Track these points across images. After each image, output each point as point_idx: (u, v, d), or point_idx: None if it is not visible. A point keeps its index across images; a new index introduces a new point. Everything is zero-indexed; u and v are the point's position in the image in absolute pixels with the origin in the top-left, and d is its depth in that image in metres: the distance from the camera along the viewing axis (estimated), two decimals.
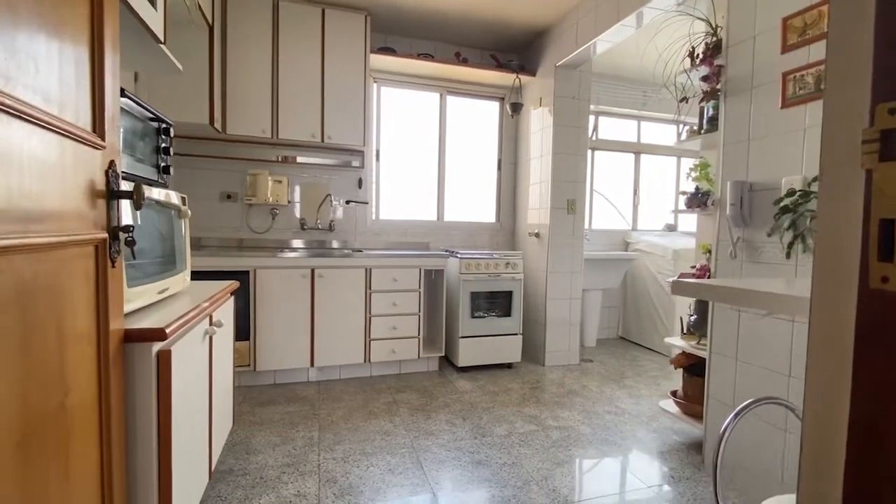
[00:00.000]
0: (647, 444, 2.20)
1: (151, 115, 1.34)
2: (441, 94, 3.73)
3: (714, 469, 0.82)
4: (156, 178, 1.37)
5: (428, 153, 3.76)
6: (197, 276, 2.60)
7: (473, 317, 3.18)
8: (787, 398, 1.67)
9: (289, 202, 3.29)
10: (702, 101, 2.13)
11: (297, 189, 3.34)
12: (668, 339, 2.34)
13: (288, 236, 3.33)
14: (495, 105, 3.91)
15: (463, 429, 2.30)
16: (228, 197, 3.19)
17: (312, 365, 2.87)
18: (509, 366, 3.32)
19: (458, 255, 3.16)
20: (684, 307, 3.66)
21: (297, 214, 3.35)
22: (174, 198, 1.37)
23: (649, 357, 3.72)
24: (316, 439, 2.16)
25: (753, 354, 1.80)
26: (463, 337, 3.15)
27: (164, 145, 1.40)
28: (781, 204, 1.62)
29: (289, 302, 2.79)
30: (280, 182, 3.21)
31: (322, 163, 3.34)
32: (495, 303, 3.26)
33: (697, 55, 2.09)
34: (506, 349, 3.26)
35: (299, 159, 3.28)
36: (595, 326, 3.97)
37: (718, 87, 2.00)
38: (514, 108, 3.44)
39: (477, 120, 3.89)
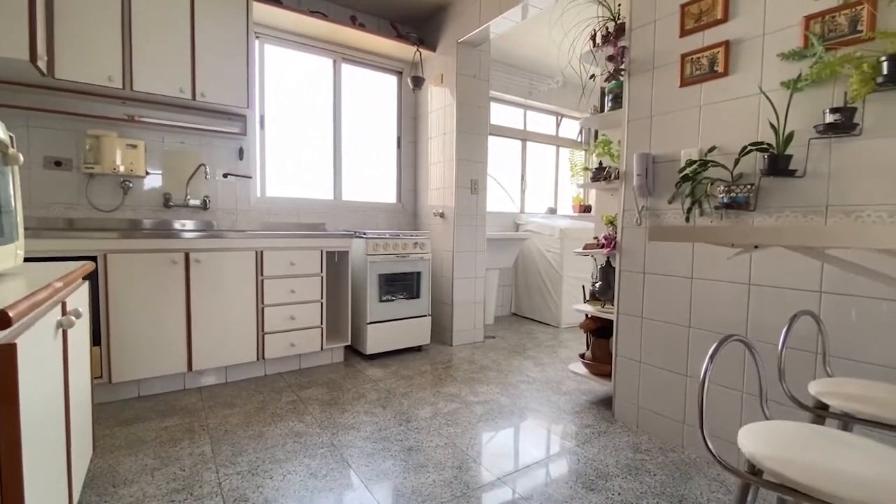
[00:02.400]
0: (562, 406, 2.30)
1: None
2: (335, 61, 3.40)
3: (700, 413, 0.82)
4: None
5: (322, 126, 3.42)
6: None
7: (382, 300, 2.99)
8: (686, 348, 1.87)
9: (147, 173, 2.67)
10: (606, 80, 2.27)
11: (160, 157, 2.73)
12: (575, 306, 2.47)
13: (145, 215, 2.71)
14: (394, 79, 3.72)
15: (385, 417, 2.13)
16: (58, 164, 2.46)
17: (191, 369, 2.38)
18: (419, 349, 3.22)
19: (365, 236, 2.93)
20: (574, 282, 3.98)
21: (160, 188, 2.74)
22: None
23: (542, 329, 3.96)
24: (209, 454, 1.77)
25: (657, 312, 1.98)
26: (371, 323, 2.94)
27: None
28: (683, 173, 1.79)
29: (155, 294, 2.26)
30: (135, 147, 2.58)
31: (192, 126, 2.77)
32: (404, 285, 3.12)
33: (605, 36, 2.21)
34: (415, 332, 3.14)
35: (162, 120, 2.67)
36: (493, 305, 4.09)
37: (622, 67, 2.14)
38: (415, 83, 3.31)
39: (375, 93, 3.66)
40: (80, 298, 1.25)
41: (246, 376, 2.63)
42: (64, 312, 1.06)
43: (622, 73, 2.14)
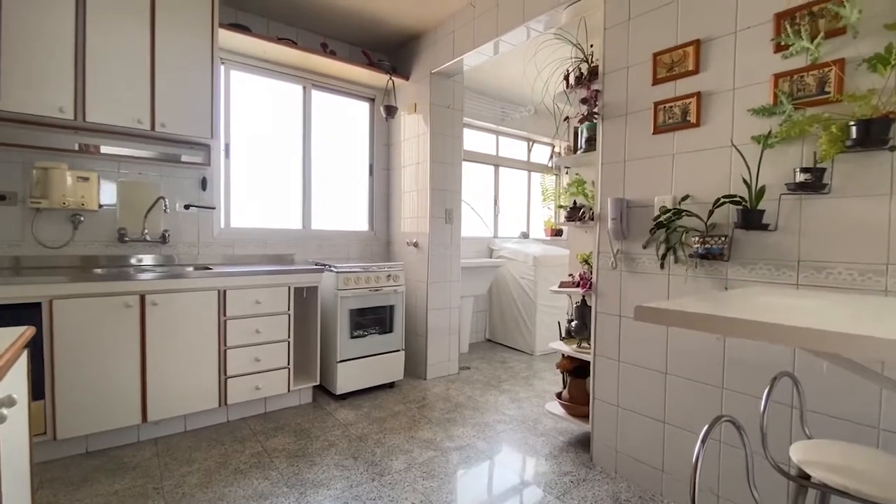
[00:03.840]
0: (540, 450, 2.25)
1: None
2: (305, 87, 3.32)
3: (692, 498, 0.79)
4: None
5: (290, 153, 3.31)
6: None
7: (353, 336, 2.88)
8: (664, 394, 1.87)
9: (101, 206, 2.50)
10: (579, 122, 2.28)
11: (114, 189, 2.56)
12: (551, 344, 2.45)
13: (98, 251, 2.52)
14: (366, 106, 3.66)
15: (356, 471, 2.02)
16: (2, 198, 2.26)
17: (145, 420, 2.21)
18: (392, 385, 3.12)
19: (335, 269, 2.83)
20: (547, 310, 3.98)
21: (115, 222, 2.56)
22: None
23: (516, 357, 3.93)
24: None
25: (634, 356, 1.98)
26: (341, 361, 2.83)
27: None
28: (657, 220, 1.80)
29: (107, 341, 2.09)
30: (87, 180, 2.41)
31: (150, 156, 2.62)
32: (376, 319, 3.02)
33: (578, 77, 2.23)
34: (388, 368, 3.05)
35: (116, 150, 2.51)
36: (468, 332, 4.03)
37: (596, 110, 2.15)
38: (388, 112, 3.25)
39: (346, 120, 3.58)
40: (16, 377, 1.11)
41: (207, 423, 2.46)
42: None
43: (596, 115, 2.16)
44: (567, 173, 5.06)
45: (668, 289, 1.85)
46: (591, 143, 2.27)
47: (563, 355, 2.38)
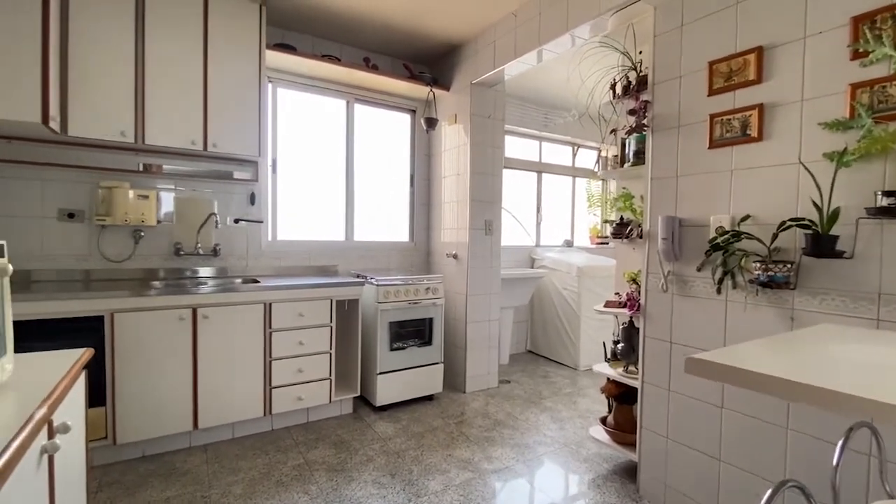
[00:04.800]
0: (583, 477, 2.16)
1: None
2: (348, 102, 3.38)
3: None
4: None
5: (334, 165, 3.38)
6: (25, 327, 1.92)
7: (392, 349, 2.90)
8: (719, 429, 1.73)
9: (159, 222, 2.65)
10: (627, 133, 2.17)
11: (171, 206, 2.71)
12: (595, 367, 2.34)
13: (157, 264, 2.68)
14: (407, 117, 3.68)
15: (393, 489, 2.02)
16: (71, 216, 2.45)
17: (196, 427, 2.31)
18: (430, 398, 3.11)
19: (375, 282, 2.85)
20: (593, 323, 3.84)
21: (171, 237, 2.71)
22: None
23: (559, 371, 3.81)
24: None
25: (686, 386, 1.85)
26: (381, 373, 2.85)
27: None
28: (714, 242, 1.67)
29: (162, 352, 2.21)
30: (146, 198, 2.56)
31: (204, 174, 2.75)
32: (415, 332, 3.02)
33: (626, 87, 2.12)
34: (427, 381, 3.04)
35: (174, 169, 2.66)
36: (508, 344, 3.96)
37: (645, 122, 2.03)
38: (429, 124, 3.25)
39: (388, 132, 3.62)
40: (73, 403, 1.18)
41: (252, 432, 2.55)
42: (51, 434, 0.99)
43: (645, 127, 2.04)
44: (615, 181, 4.87)
45: (726, 316, 1.71)
46: (639, 156, 2.15)
47: (608, 379, 2.27)
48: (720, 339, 1.72)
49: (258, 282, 2.63)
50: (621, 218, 2.23)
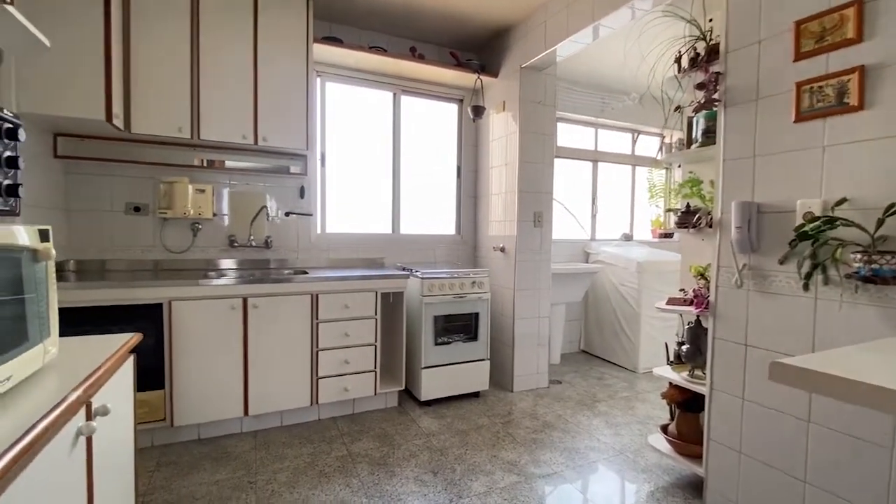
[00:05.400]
0: (641, 489, 1.98)
1: None
2: (395, 94, 3.35)
3: None
4: None
5: (380, 158, 3.36)
6: (94, 312, 2.05)
7: (437, 343, 2.84)
8: (805, 446, 1.49)
9: (214, 215, 2.75)
10: (695, 111, 1.94)
11: (225, 199, 2.81)
12: (657, 370, 2.14)
13: (213, 255, 2.79)
14: (454, 107, 3.59)
15: (434, 488, 1.95)
16: (137, 210, 2.60)
17: (247, 413, 2.38)
18: (476, 395, 3.01)
19: (420, 275, 2.80)
20: (654, 322, 3.57)
21: (226, 229, 2.82)
22: (21, 235, 0.90)
23: (615, 373, 3.58)
24: None
25: (764, 395, 1.62)
26: (426, 367, 2.80)
27: (6, 154, 0.92)
28: (801, 230, 1.44)
29: (215, 339, 2.29)
30: (203, 191, 2.67)
31: (256, 168, 2.83)
32: (461, 326, 2.94)
33: (693, 59, 1.89)
34: (473, 377, 2.95)
35: (227, 164, 2.75)
36: (559, 342, 3.78)
37: (716, 96, 1.81)
38: (475, 112, 3.14)
39: (434, 123, 3.55)
40: (117, 385, 1.21)
41: (300, 420, 2.59)
42: (89, 416, 1.00)
43: (716, 103, 1.82)
44: (679, 167, 4.52)
45: (815, 317, 1.47)
46: (709, 135, 1.92)
47: (670, 384, 2.07)
48: (807, 343, 1.49)
49: (307, 273, 2.67)
50: (687, 205, 2.01)
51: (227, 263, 2.80)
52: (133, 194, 2.59)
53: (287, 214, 2.97)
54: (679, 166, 4.87)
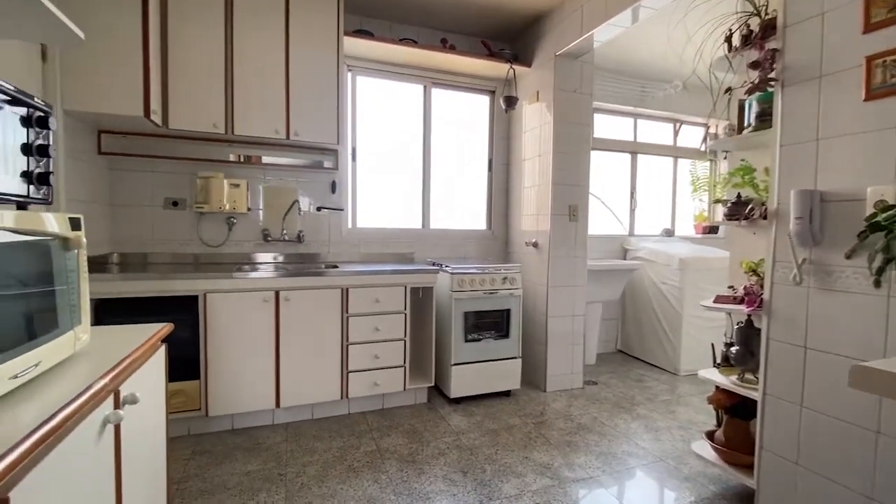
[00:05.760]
0: (681, 497, 1.85)
1: (7, 96, 0.86)
2: (425, 86, 3.30)
3: None
4: (23, 194, 0.91)
5: (410, 152, 3.33)
6: (135, 304, 2.12)
7: (467, 340, 2.78)
8: (873, 461, 1.34)
9: (249, 210, 2.80)
10: (747, 92, 1.79)
11: (259, 194, 2.85)
12: (702, 373, 2.00)
13: (248, 249, 2.84)
14: (485, 99, 3.51)
15: (464, 488, 1.90)
16: (175, 204, 2.68)
17: (278, 406, 2.40)
18: (507, 394, 2.94)
19: (449, 270, 2.75)
20: (697, 322, 3.38)
21: (260, 224, 2.86)
22: (50, 222, 0.90)
23: (655, 375, 3.41)
24: None
25: (825, 402, 1.47)
26: (455, 364, 2.74)
27: (37, 142, 0.93)
28: (873, 220, 1.29)
29: (249, 331, 2.32)
30: (237, 186, 2.71)
31: (288, 163, 2.86)
32: (492, 323, 2.87)
33: (746, 36, 1.74)
34: (504, 376, 2.87)
35: (262, 159, 2.79)
36: (595, 342, 3.64)
37: (772, 75, 1.65)
38: (508, 103, 3.05)
39: (465, 115, 3.49)
40: (147, 374, 1.22)
41: (330, 414, 2.59)
42: (118, 404, 1.00)
43: (771, 83, 1.66)
44: (726, 158, 4.26)
45: (888, 318, 1.31)
46: (763, 118, 1.77)
47: (717, 387, 1.92)
48: (877, 347, 1.33)
49: (337, 267, 2.67)
50: (738, 196, 1.86)
51: (261, 257, 2.84)
52: (171, 189, 2.67)
53: (319, 209, 2.98)
54: (725, 157, 4.60)
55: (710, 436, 1.98)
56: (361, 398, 2.64)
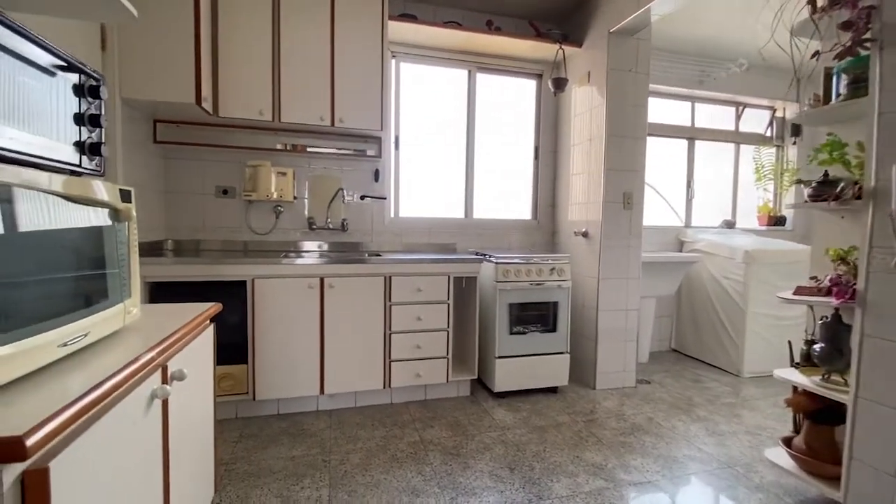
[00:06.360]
0: None
1: (62, 62, 0.85)
2: (469, 71, 3.21)
3: None
4: (75, 163, 0.90)
5: (454, 140, 3.25)
6: (187, 287, 2.17)
7: (512, 333, 2.68)
8: None
9: (295, 198, 2.82)
10: (836, 57, 1.58)
11: (305, 183, 2.87)
12: (778, 372, 1.80)
13: (294, 238, 2.86)
14: (531, 83, 3.38)
15: (512, 485, 1.81)
16: (225, 192, 2.74)
17: (322, 392, 2.40)
18: (554, 390, 2.81)
19: (493, 260, 2.66)
20: (763, 320, 3.11)
21: (305, 212, 2.88)
22: (100, 189, 0.89)
23: (714, 377, 3.17)
24: (325, 500, 1.68)
25: None
26: (500, 357, 2.65)
27: (89, 112, 0.92)
28: None
29: (294, 317, 2.33)
30: (284, 175, 2.74)
31: (333, 152, 2.86)
32: (538, 316, 2.75)
33: None
34: (550, 371, 2.75)
35: (307, 148, 2.80)
36: (648, 339, 3.43)
37: (868, 35, 1.45)
38: (557, 85, 2.91)
39: (511, 101, 3.37)
40: (196, 352, 1.21)
41: (373, 402, 2.57)
42: (165, 379, 0.99)
43: (866, 45, 1.46)
44: (795, 143, 3.91)
45: None
46: (857, 86, 1.56)
47: (795, 389, 1.73)
48: None
49: (380, 256, 2.64)
50: (825, 174, 1.65)
51: (307, 245, 2.86)
52: (222, 178, 2.72)
53: (362, 198, 2.96)
54: (794, 143, 4.23)
55: (788, 442, 1.79)
56: (403, 388, 2.60)
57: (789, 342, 1.90)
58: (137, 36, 2.05)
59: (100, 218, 0.91)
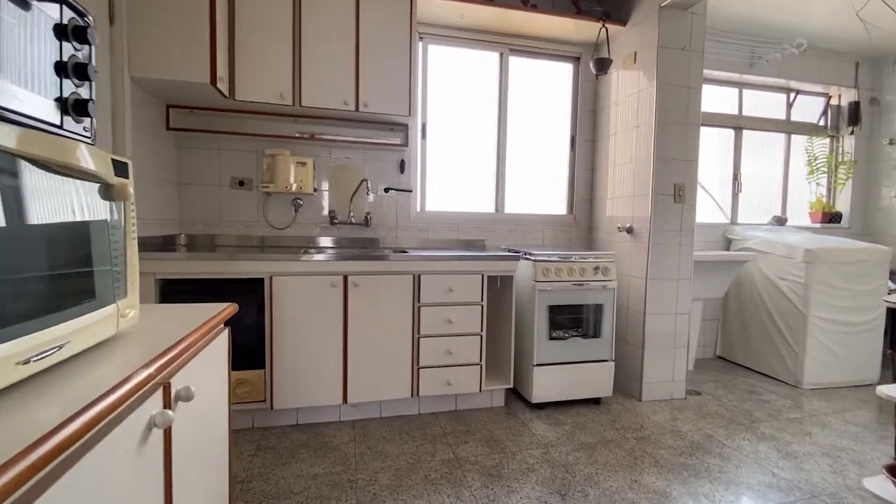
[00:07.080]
0: None
1: None
2: (501, 53, 2.98)
3: None
4: (55, 122, 0.70)
5: (484, 130, 3.02)
6: (200, 285, 1.98)
7: (552, 338, 2.44)
8: None
9: (315, 190, 2.62)
10: None
11: (326, 174, 2.67)
12: (884, 389, 1.53)
13: (314, 233, 2.67)
14: (568, 67, 3.13)
15: None
16: (241, 184, 2.55)
17: (345, 401, 2.19)
18: (597, 402, 2.56)
19: (532, 257, 2.42)
20: (827, 326, 2.82)
21: (326, 205, 2.68)
22: (84, 156, 0.69)
23: (770, 387, 2.89)
24: None
25: None
26: (538, 365, 2.41)
27: (75, 60, 0.72)
28: None
29: (315, 318, 2.12)
30: (304, 165, 2.54)
31: (356, 140, 2.65)
32: (579, 319, 2.51)
33: None
34: (594, 381, 2.50)
35: (328, 136, 2.60)
36: (695, 346, 3.15)
37: None
38: (599, 66, 2.66)
39: (546, 86, 3.13)
40: (206, 363, 1.01)
41: (399, 413, 2.36)
42: (169, 402, 0.78)
43: None
44: (853, 133, 3.59)
45: None
46: None
47: None
48: None
49: (406, 253, 2.42)
50: None
51: (328, 241, 2.66)
52: (238, 168, 2.54)
53: (386, 190, 2.75)
54: (851, 132, 3.90)
55: (893, 470, 1.52)
56: (432, 398, 2.38)
57: (889, 353, 1.63)
58: (148, 8, 1.87)
59: (87, 195, 0.70)
